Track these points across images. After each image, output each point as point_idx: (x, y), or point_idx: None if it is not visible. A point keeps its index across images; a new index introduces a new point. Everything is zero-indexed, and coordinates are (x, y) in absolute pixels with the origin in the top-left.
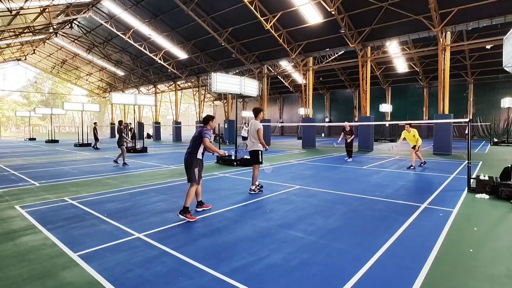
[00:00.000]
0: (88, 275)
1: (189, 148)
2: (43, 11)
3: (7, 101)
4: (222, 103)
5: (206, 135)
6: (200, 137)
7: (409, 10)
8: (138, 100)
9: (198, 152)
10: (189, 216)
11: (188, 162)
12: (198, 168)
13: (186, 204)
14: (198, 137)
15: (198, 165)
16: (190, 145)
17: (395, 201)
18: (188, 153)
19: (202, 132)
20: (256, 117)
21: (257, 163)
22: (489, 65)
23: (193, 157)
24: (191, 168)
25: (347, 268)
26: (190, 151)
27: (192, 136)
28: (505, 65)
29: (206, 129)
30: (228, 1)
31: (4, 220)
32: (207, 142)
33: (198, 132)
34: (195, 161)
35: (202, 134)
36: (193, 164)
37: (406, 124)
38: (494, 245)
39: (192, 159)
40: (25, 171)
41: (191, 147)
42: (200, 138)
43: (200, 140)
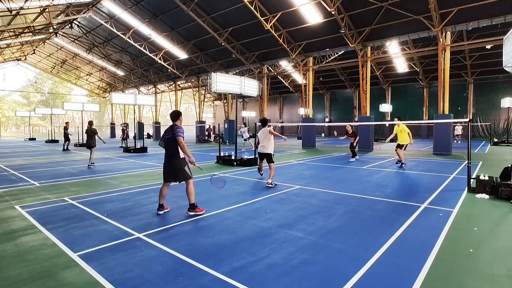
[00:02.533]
0: (88, 275)
1: (167, 150)
2: (43, 11)
3: (7, 101)
4: (222, 103)
5: (179, 134)
6: (174, 137)
7: (409, 10)
8: (138, 100)
9: (180, 152)
10: (198, 210)
11: (176, 165)
12: (187, 165)
13: (191, 201)
14: (173, 138)
15: (186, 163)
16: (168, 147)
17: (395, 201)
18: (169, 156)
19: (175, 131)
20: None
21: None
22: (489, 65)
23: (178, 159)
24: (181, 169)
25: (347, 268)
26: (172, 154)
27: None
28: (505, 65)
29: (178, 126)
30: (228, 1)
31: (4, 220)
32: (181, 142)
33: (171, 132)
34: (182, 162)
35: (175, 133)
36: (181, 165)
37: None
38: (494, 245)
39: (178, 162)
40: (25, 171)
41: (171, 149)
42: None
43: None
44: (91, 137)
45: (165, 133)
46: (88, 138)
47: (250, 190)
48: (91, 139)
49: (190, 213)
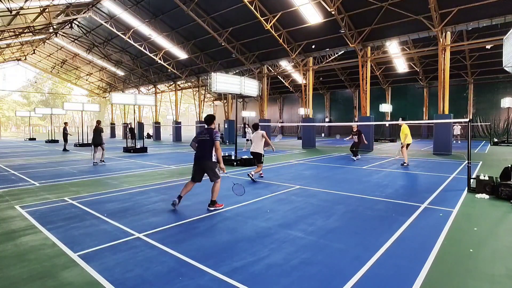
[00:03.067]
0: (88, 275)
1: (201, 151)
2: (43, 11)
3: (7, 101)
4: (222, 103)
5: (218, 138)
6: (212, 141)
7: (409, 10)
8: (138, 100)
9: (213, 155)
10: (218, 205)
11: (208, 166)
12: (216, 167)
13: (213, 198)
14: (210, 141)
15: (216, 165)
16: (203, 148)
17: (395, 201)
18: (202, 157)
19: (213, 135)
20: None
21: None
22: (489, 65)
23: (211, 160)
24: (212, 169)
25: (347, 268)
26: (205, 155)
27: (198, 138)
28: (505, 65)
29: (216, 131)
30: (228, 1)
31: (4, 220)
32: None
33: (208, 135)
34: (214, 163)
35: (214, 137)
36: (213, 166)
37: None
38: (494, 245)
39: (211, 164)
40: (25, 171)
41: (207, 151)
42: (212, 142)
43: (212, 144)
44: (99, 136)
45: (200, 134)
46: (95, 137)
47: (250, 190)
48: (98, 138)
49: (210, 208)
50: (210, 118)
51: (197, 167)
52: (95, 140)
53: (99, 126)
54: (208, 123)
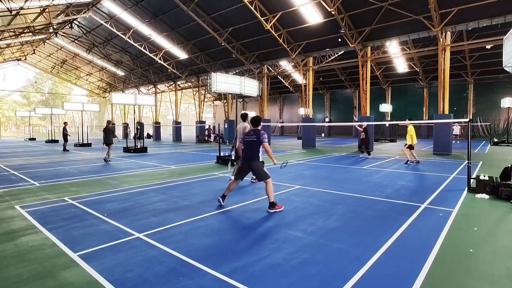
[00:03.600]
0: (88, 275)
1: (249, 152)
2: (43, 11)
3: (7, 101)
4: (222, 103)
5: (265, 139)
6: (259, 142)
7: (409, 10)
8: (138, 100)
9: (260, 156)
10: (278, 207)
11: (256, 166)
12: (264, 167)
13: (271, 200)
14: (257, 141)
15: (263, 163)
16: (251, 149)
17: (395, 201)
18: (250, 157)
19: (261, 137)
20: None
21: None
22: (489, 65)
23: (258, 160)
24: (260, 170)
25: (347, 268)
26: (253, 155)
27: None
28: (505, 65)
29: (263, 132)
30: (228, 1)
31: (4, 220)
32: (268, 147)
33: (255, 136)
34: (261, 164)
35: (261, 139)
36: (260, 166)
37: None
38: (494, 245)
39: (258, 164)
40: (25, 171)
41: (253, 151)
42: (260, 143)
43: (260, 144)
44: (109, 135)
45: (247, 135)
46: (106, 136)
47: (250, 190)
48: (109, 137)
49: (270, 211)
50: (257, 119)
51: (244, 167)
52: (107, 140)
53: (109, 126)
54: (255, 125)
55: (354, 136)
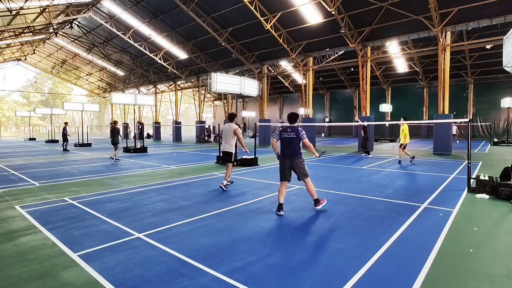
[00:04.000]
0: (88, 275)
1: (289, 149)
2: (43, 11)
3: (7, 101)
4: (222, 103)
5: (305, 136)
6: (299, 138)
7: (409, 10)
8: (138, 100)
9: (301, 152)
10: (322, 202)
11: (297, 164)
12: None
13: (315, 197)
14: (296, 138)
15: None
16: (290, 146)
17: (395, 201)
18: (292, 155)
19: (300, 133)
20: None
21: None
22: (489, 65)
23: (300, 158)
24: (302, 168)
25: (347, 268)
26: (294, 153)
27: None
28: (505, 65)
29: (301, 129)
30: (228, 1)
31: (4, 220)
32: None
33: (294, 132)
34: (303, 161)
35: (300, 135)
36: (303, 164)
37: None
38: (494, 245)
39: (301, 160)
40: (25, 171)
41: (294, 149)
42: (299, 139)
43: (299, 141)
44: (115, 135)
45: (284, 132)
46: (112, 136)
47: (250, 190)
48: (115, 137)
49: (317, 207)
50: (294, 116)
51: (285, 166)
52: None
53: (115, 127)
54: (292, 121)
55: (354, 136)
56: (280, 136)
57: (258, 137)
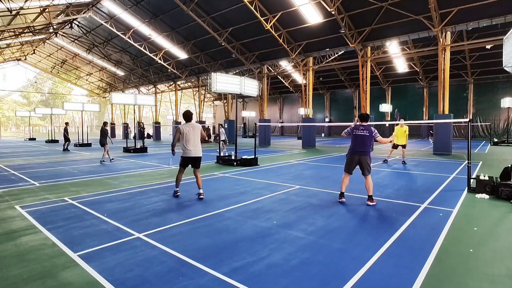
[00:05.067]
0: (88, 275)
1: (361, 146)
2: (43, 11)
3: (7, 101)
4: (222, 103)
5: (378, 135)
6: (372, 137)
7: (409, 10)
8: (138, 100)
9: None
10: (374, 202)
11: (366, 160)
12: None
13: (370, 193)
14: (369, 137)
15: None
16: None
17: (395, 201)
18: (362, 152)
19: (373, 133)
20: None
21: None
22: (489, 65)
23: (369, 155)
24: (368, 164)
25: (347, 268)
26: (365, 150)
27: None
28: (505, 65)
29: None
30: (228, 1)
31: (4, 220)
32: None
33: (367, 131)
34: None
35: (374, 135)
36: (370, 161)
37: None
38: (494, 245)
39: (369, 159)
40: (25, 171)
41: (367, 145)
42: (372, 138)
43: (372, 139)
44: (104, 137)
45: (357, 129)
46: (101, 137)
47: (250, 190)
48: (103, 138)
49: (370, 203)
50: (366, 116)
51: (353, 159)
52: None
53: (105, 128)
54: (364, 120)
55: None
56: (354, 134)
57: (258, 137)
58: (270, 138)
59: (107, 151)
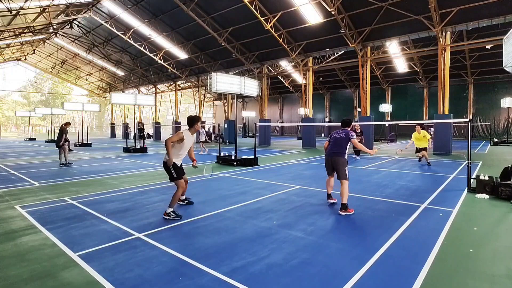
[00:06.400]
0: (88, 275)
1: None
2: (43, 11)
3: (7, 101)
4: (222, 103)
5: (354, 137)
6: (348, 139)
7: (409, 10)
8: (138, 100)
9: (346, 153)
10: (349, 210)
11: (340, 162)
12: (347, 167)
13: (343, 201)
14: (345, 138)
15: (347, 163)
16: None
17: (395, 201)
18: (335, 154)
19: (349, 134)
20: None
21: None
22: (489, 65)
23: (343, 157)
24: (344, 167)
25: (347, 268)
26: (338, 151)
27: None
28: (505, 65)
29: (352, 132)
30: (228, 1)
31: (4, 220)
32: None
33: (344, 134)
34: (345, 161)
35: (350, 136)
36: (344, 164)
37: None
38: (494, 245)
39: (342, 161)
40: (25, 171)
41: (340, 147)
42: (348, 140)
43: (348, 141)
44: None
45: (335, 133)
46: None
47: (250, 190)
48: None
49: (341, 213)
50: (348, 121)
51: (327, 162)
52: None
53: (64, 127)
54: (346, 125)
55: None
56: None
57: (258, 137)
58: (270, 138)
59: (65, 152)
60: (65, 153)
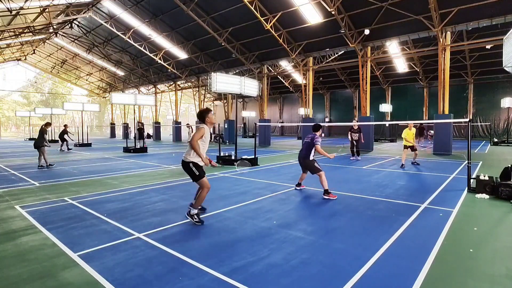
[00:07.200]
0: (88, 275)
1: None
2: (43, 11)
3: (7, 101)
4: (222, 103)
5: (317, 142)
6: (312, 143)
7: (409, 10)
8: (138, 100)
9: (311, 155)
10: (332, 196)
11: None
12: (315, 162)
13: (325, 187)
14: (310, 143)
15: (314, 161)
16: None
17: (395, 201)
18: (303, 156)
19: (314, 139)
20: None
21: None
22: (489, 65)
23: (308, 159)
24: (312, 166)
25: (347, 268)
26: (305, 154)
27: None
28: (505, 65)
29: (317, 137)
30: (228, 1)
31: (4, 220)
32: (319, 148)
33: (310, 139)
34: (312, 161)
35: (314, 141)
36: (312, 163)
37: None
38: (494, 245)
39: (308, 161)
40: (25, 171)
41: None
42: (312, 144)
43: (312, 145)
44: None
45: (306, 137)
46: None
47: (250, 190)
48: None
49: (325, 197)
50: (318, 126)
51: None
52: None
53: (44, 127)
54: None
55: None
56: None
57: (258, 137)
58: (270, 138)
59: (44, 154)
60: (44, 155)
